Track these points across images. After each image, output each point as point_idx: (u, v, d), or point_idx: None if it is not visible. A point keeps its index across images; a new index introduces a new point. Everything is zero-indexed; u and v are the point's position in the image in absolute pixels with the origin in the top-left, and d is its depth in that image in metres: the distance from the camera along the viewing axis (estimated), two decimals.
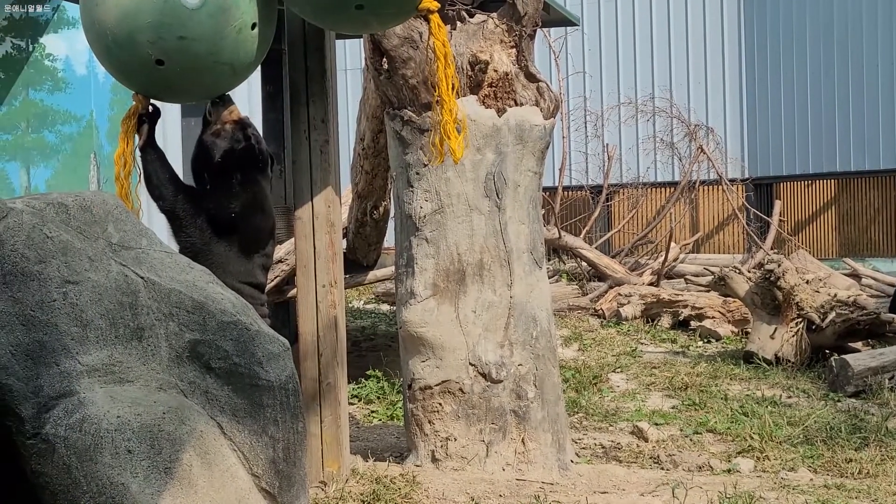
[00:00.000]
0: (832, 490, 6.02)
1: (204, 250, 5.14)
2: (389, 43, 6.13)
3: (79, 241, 3.73)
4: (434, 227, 6.27)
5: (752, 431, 7.28)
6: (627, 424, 7.68)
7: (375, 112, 7.80)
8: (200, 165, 5.26)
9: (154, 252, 3.97)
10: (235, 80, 5.12)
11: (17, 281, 3.56)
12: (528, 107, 6.37)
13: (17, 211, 3.64)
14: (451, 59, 5.16)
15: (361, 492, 5.77)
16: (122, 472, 3.51)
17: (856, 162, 18.81)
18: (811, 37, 19.01)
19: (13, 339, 3.52)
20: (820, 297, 9.95)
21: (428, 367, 6.28)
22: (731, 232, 19.23)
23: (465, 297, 6.26)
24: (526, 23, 6.37)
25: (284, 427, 3.94)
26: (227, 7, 4.79)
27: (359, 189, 8.75)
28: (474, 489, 5.87)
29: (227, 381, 3.85)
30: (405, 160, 6.32)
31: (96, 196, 3.95)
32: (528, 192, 6.41)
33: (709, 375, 9.27)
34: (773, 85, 19.37)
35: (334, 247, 6.01)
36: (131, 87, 5.13)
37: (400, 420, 7.48)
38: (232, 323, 3.89)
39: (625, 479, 6.24)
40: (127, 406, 3.59)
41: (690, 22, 19.65)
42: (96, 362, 3.63)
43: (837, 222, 19.25)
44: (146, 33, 4.75)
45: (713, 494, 5.76)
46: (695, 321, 12.03)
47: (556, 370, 6.54)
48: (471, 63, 6.26)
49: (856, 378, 8.62)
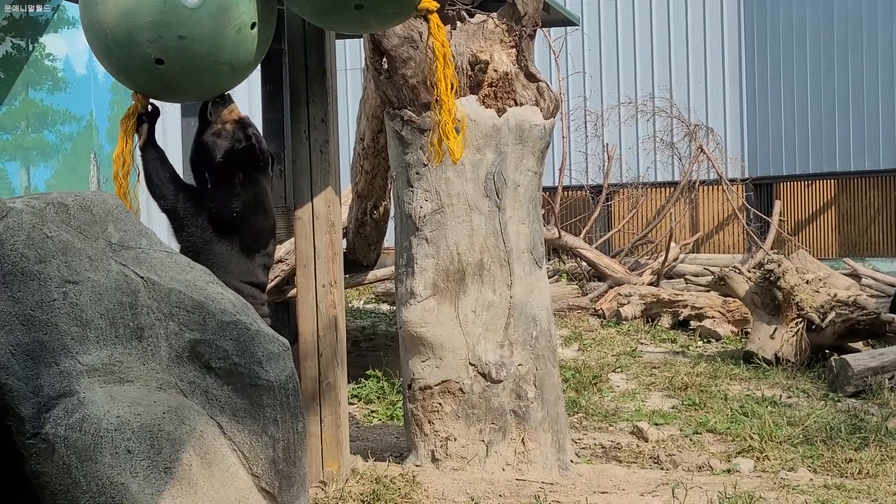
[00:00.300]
0: (832, 490, 6.01)
1: (205, 249, 5.15)
2: (389, 43, 6.13)
3: (79, 241, 3.73)
4: (434, 226, 6.27)
5: (751, 431, 7.28)
6: (627, 424, 7.67)
7: (375, 112, 7.79)
8: (201, 165, 5.26)
9: (154, 252, 3.97)
10: (235, 80, 5.12)
11: (17, 280, 3.56)
12: (528, 107, 6.37)
13: (17, 210, 3.64)
14: (451, 59, 5.16)
15: (361, 492, 5.77)
16: (121, 471, 3.51)
17: (856, 162, 18.81)
18: (811, 36, 19.01)
19: (13, 339, 3.52)
20: (820, 297, 9.95)
21: (428, 367, 6.28)
22: (731, 232, 19.23)
23: (465, 297, 6.26)
24: (526, 23, 6.37)
25: (284, 427, 3.94)
26: (227, 7, 4.79)
27: (359, 189, 8.75)
28: (474, 489, 5.87)
29: (227, 380, 3.85)
30: (405, 160, 6.32)
31: (96, 196, 3.95)
32: (528, 191, 6.41)
33: (709, 375, 9.26)
34: (773, 85, 19.37)
35: (334, 246, 6.01)
36: (130, 86, 5.13)
37: (400, 420, 7.48)
38: (232, 323, 3.89)
39: (625, 479, 6.24)
40: (127, 406, 3.59)
41: (690, 22, 19.65)
42: (96, 362, 3.63)
43: (837, 222, 19.25)
44: (146, 32, 4.75)
45: (713, 494, 5.76)
46: (695, 321, 12.03)
47: (556, 370, 6.54)
48: (471, 63, 6.26)
49: (856, 378, 8.61)
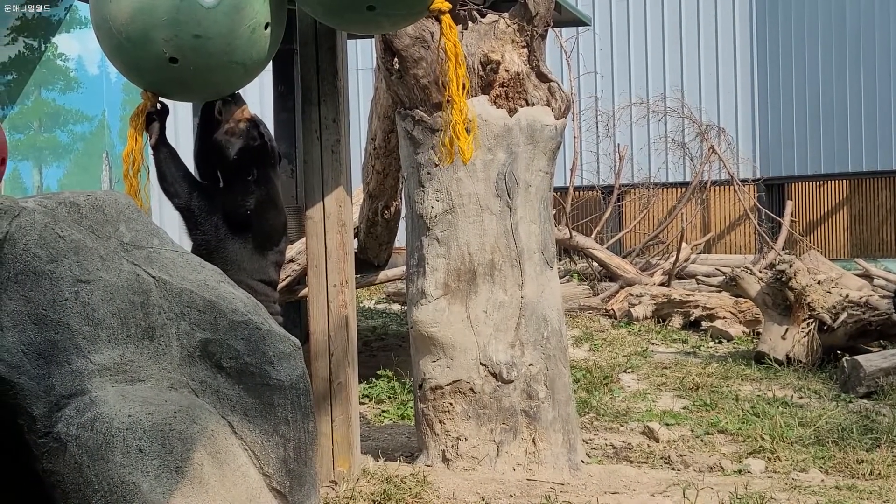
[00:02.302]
0: (843, 491, 6.00)
1: (219, 247, 5.16)
2: (401, 43, 6.13)
3: (91, 241, 3.74)
4: (445, 227, 6.27)
5: (763, 432, 7.26)
6: (638, 425, 7.67)
7: (387, 112, 7.80)
8: (214, 163, 5.27)
9: (165, 251, 3.97)
10: (246, 80, 5.13)
11: (28, 280, 3.57)
12: (540, 107, 6.36)
13: (29, 210, 3.65)
14: (462, 60, 5.15)
15: (372, 491, 5.78)
16: (133, 470, 3.51)
17: (868, 162, 18.78)
18: (823, 36, 18.97)
19: (25, 338, 3.53)
20: (831, 298, 9.93)
21: (439, 367, 6.28)
22: (743, 232, 19.21)
23: (476, 297, 6.26)
24: (537, 23, 6.36)
25: (295, 426, 3.94)
26: (242, 6, 4.80)
27: (370, 189, 8.75)
28: (485, 489, 5.87)
29: (238, 380, 3.86)
30: (416, 160, 6.32)
31: (108, 195, 3.96)
32: (540, 192, 6.41)
33: (720, 376, 9.25)
34: (785, 85, 19.35)
35: (345, 246, 6.01)
36: (142, 84, 5.13)
37: (411, 420, 7.48)
38: (243, 322, 3.89)
39: (635, 480, 6.23)
40: (138, 405, 3.59)
41: (702, 22, 19.63)
42: (108, 361, 3.63)
43: (849, 222, 19.22)
44: (161, 31, 4.76)
45: (724, 495, 5.75)
46: (706, 321, 12.02)
47: (567, 370, 6.54)
48: (482, 63, 6.26)
49: (867, 379, 8.59)
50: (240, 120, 5.23)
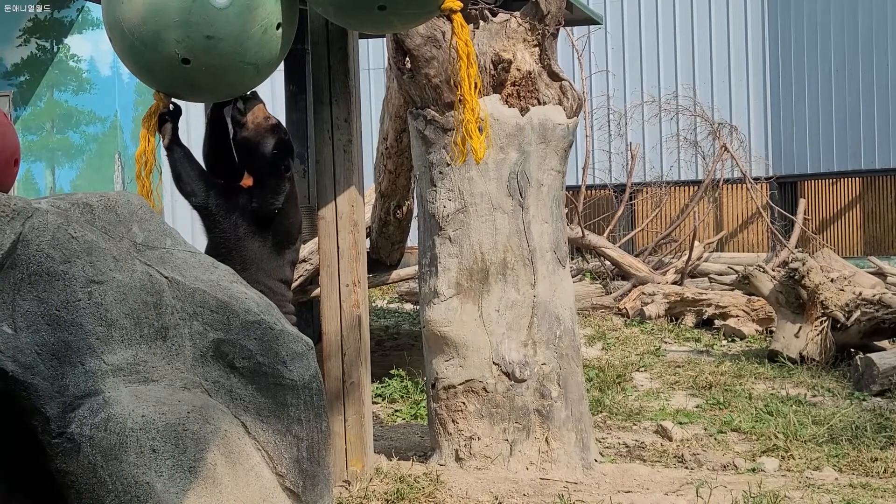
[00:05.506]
0: (857, 489, 5.99)
1: (238, 246, 5.15)
2: (412, 42, 6.13)
3: (104, 241, 3.75)
4: (457, 226, 6.27)
5: (776, 430, 7.25)
6: (651, 423, 7.66)
7: (398, 111, 7.80)
8: (242, 162, 5.25)
9: (178, 252, 3.97)
10: (257, 80, 5.14)
11: (42, 281, 3.58)
12: (552, 106, 6.36)
13: (42, 211, 3.65)
14: (474, 59, 5.15)
15: (385, 491, 5.78)
16: (146, 470, 3.52)
17: (881, 160, 18.72)
18: (835, 34, 18.92)
19: (39, 339, 3.54)
20: (845, 296, 9.90)
21: (451, 367, 6.28)
22: (755, 230, 19.17)
23: (489, 297, 6.26)
24: (549, 21, 6.36)
25: (308, 426, 3.94)
26: (254, 7, 4.81)
27: (382, 188, 8.76)
28: (498, 488, 5.87)
29: (252, 380, 3.86)
30: (428, 159, 6.32)
31: (121, 196, 3.96)
32: (552, 191, 6.40)
33: (733, 374, 9.24)
34: (797, 83, 19.30)
35: (358, 246, 6.02)
36: (154, 85, 5.15)
37: (424, 419, 7.49)
38: (256, 322, 3.89)
39: (649, 479, 6.23)
40: (152, 405, 3.60)
41: (714, 20, 19.59)
42: (121, 362, 3.64)
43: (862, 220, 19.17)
44: (174, 32, 4.77)
45: (738, 494, 5.74)
46: (719, 320, 12.00)
47: (580, 369, 6.53)
48: (494, 62, 6.26)
49: (881, 377, 8.57)
50: (259, 120, 5.23)
